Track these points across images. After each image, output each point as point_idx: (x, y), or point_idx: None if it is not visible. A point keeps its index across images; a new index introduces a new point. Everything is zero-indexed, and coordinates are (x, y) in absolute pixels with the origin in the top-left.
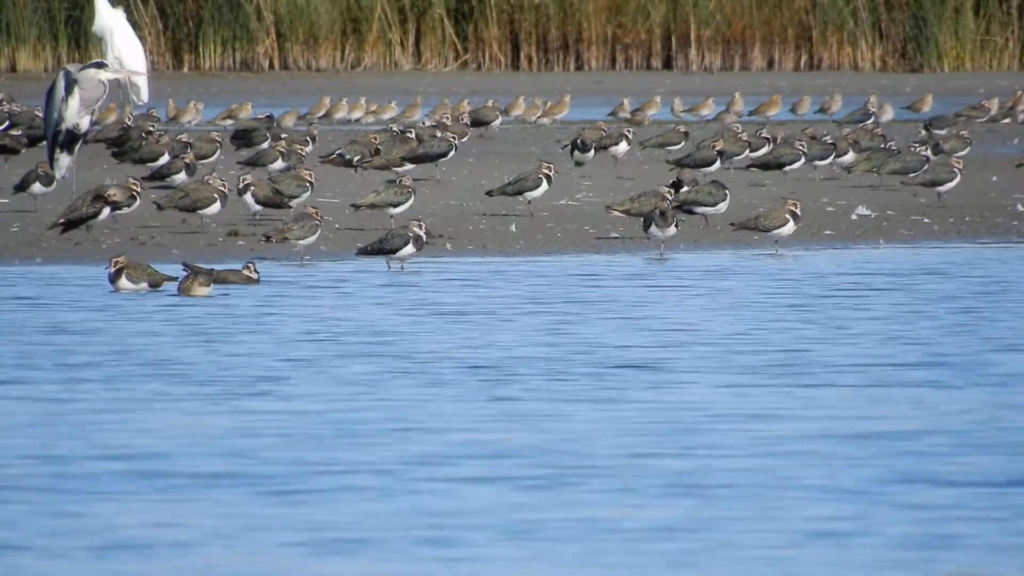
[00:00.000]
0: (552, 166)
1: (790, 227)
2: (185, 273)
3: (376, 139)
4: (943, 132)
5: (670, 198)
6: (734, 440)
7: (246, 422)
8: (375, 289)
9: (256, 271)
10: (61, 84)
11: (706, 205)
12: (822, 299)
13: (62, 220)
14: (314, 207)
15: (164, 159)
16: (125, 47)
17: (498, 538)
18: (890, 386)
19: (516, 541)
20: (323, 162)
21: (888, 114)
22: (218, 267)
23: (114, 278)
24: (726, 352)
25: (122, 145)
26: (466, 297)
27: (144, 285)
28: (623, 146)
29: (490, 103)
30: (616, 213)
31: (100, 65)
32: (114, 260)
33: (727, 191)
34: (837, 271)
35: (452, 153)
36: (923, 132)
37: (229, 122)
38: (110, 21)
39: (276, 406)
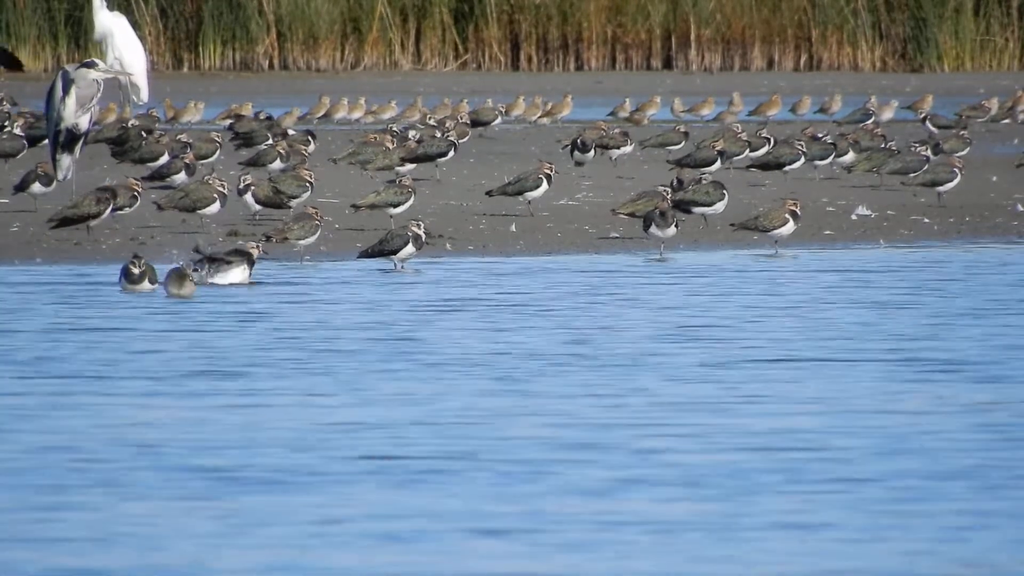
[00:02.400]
0: (552, 166)
1: (790, 227)
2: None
3: (382, 138)
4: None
5: (670, 197)
6: (737, 435)
7: (245, 421)
8: (375, 288)
9: (258, 247)
10: (59, 84)
11: (703, 205)
12: (822, 299)
13: (60, 216)
14: (314, 207)
15: (164, 159)
16: (126, 48)
17: (504, 534)
18: (891, 384)
19: (524, 536)
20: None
21: (888, 114)
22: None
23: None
24: (726, 351)
25: (122, 145)
26: (465, 296)
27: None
28: (624, 148)
29: (489, 103)
30: (622, 216)
31: (91, 64)
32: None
33: (725, 191)
34: (837, 271)
35: (452, 153)
36: (924, 123)
37: (229, 122)
38: (110, 23)
39: (273, 403)
